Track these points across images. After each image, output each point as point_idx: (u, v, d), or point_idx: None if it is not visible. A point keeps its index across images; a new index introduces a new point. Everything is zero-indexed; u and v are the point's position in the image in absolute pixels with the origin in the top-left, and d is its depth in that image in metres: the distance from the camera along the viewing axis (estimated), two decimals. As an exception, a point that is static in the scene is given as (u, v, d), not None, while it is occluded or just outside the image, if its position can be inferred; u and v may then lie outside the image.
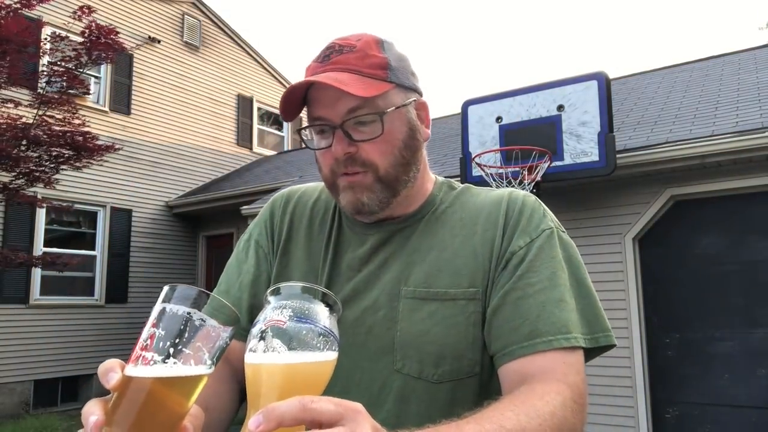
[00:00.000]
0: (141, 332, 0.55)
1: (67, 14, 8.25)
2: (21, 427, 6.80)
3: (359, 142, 0.85)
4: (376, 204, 0.88)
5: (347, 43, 0.87)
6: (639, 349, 5.30)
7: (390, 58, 0.88)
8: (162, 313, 0.55)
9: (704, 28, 52.31)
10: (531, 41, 73.13)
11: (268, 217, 1.03)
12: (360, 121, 0.84)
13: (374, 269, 0.90)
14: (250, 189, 9.05)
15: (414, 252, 0.90)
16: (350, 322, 0.87)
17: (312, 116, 0.87)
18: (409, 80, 0.90)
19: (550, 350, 0.78)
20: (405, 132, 0.89)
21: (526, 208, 0.89)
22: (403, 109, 0.88)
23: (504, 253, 0.86)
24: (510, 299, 0.83)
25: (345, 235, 0.96)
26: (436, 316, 0.84)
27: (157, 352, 0.53)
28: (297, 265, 0.96)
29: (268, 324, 0.57)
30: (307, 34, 75.92)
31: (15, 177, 6.69)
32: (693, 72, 7.65)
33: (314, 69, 0.86)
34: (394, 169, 0.87)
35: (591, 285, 0.88)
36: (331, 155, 0.86)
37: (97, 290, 8.90)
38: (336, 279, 0.92)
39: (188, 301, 0.55)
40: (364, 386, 0.85)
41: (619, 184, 5.55)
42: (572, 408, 0.73)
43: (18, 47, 6.34)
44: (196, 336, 0.55)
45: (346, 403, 0.53)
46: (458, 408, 0.77)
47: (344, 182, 0.87)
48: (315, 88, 0.85)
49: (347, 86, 0.80)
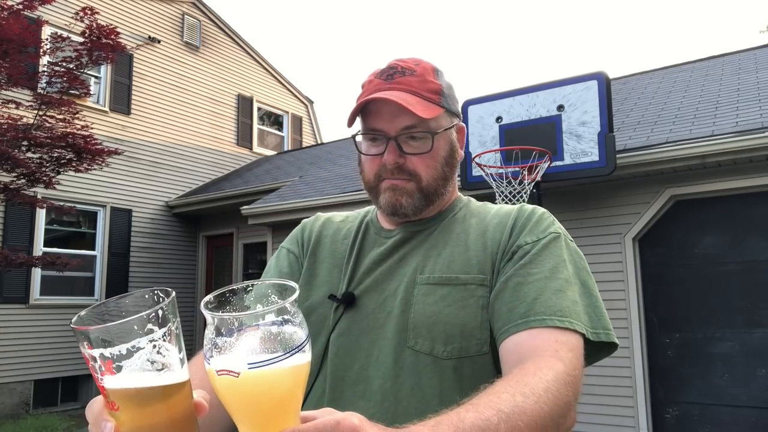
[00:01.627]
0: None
1: (67, 14, 8.26)
2: (21, 427, 6.80)
3: (409, 154, 0.97)
4: (412, 208, 0.99)
5: (408, 66, 1.00)
6: (639, 349, 5.30)
7: (443, 85, 1.01)
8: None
9: (704, 28, 52.31)
10: (531, 41, 73.13)
11: (300, 232, 1.14)
12: (412, 136, 0.97)
13: (394, 264, 0.99)
14: (250, 189, 9.05)
15: (431, 248, 0.99)
16: (371, 308, 0.96)
17: (369, 126, 0.99)
18: (455, 106, 1.04)
19: (543, 327, 0.82)
20: (447, 151, 1.01)
21: (535, 216, 0.98)
22: (448, 131, 1.02)
23: (511, 247, 0.94)
24: (510, 284, 0.89)
25: (369, 239, 1.06)
26: (448, 299, 0.91)
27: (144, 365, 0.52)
28: (323, 262, 1.06)
29: (220, 372, 0.52)
30: (307, 34, 75.93)
31: (16, 178, 6.69)
32: (693, 72, 7.65)
33: (378, 84, 0.99)
34: (435, 182, 1.00)
35: (596, 288, 0.92)
36: (380, 162, 0.98)
37: (97, 290, 8.90)
38: (358, 271, 1.01)
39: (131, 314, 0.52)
40: (381, 362, 0.91)
41: (619, 184, 5.55)
42: (565, 381, 0.75)
43: (19, 47, 6.34)
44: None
45: (340, 427, 0.52)
46: (468, 383, 0.85)
47: (387, 184, 0.99)
48: (376, 102, 0.96)
49: (412, 106, 0.93)
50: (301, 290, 1.00)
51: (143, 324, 0.51)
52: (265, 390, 0.52)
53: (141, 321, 0.51)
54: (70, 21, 7.51)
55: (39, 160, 6.88)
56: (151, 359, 0.52)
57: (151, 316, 0.52)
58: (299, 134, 13.20)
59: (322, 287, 1.01)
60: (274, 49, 67.63)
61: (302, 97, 13.33)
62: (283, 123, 12.91)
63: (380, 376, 0.90)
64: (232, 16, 68.12)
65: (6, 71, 6.34)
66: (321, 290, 1.01)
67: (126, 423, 0.53)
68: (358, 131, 1.01)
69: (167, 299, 0.53)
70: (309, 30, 76.21)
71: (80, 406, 8.30)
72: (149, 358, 0.52)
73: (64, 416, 7.61)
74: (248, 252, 9.72)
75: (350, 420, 0.53)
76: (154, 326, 0.52)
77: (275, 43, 64.91)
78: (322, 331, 0.96)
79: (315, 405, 0.90)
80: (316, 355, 0.93)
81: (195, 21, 11.06)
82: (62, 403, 8.27)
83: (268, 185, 8.88)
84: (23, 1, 6.55)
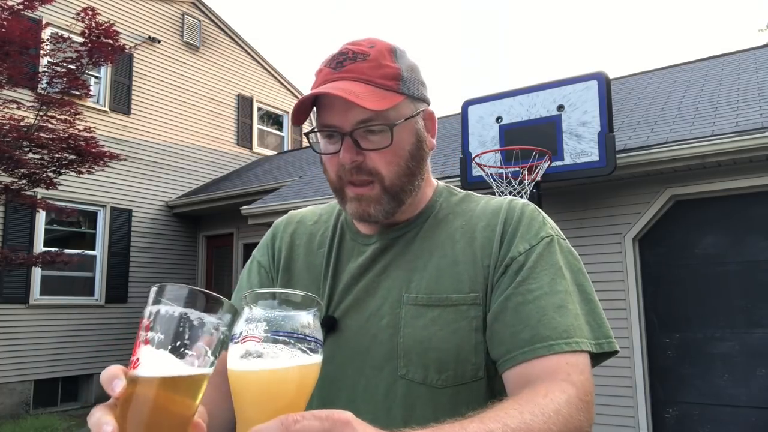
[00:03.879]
0: (138, 334, 0.55)
1: (68, 14, 8.26)
2: (21, 427, 6.80)
3: (367, 150, 0.86)
4: (383, 214, 0.89)
5: (360, 50, 0.87)
6: (639, 349, 5.30)
7: (402, 68, 0.89)
8: (157, 314, 0.54)
9: (704, 28, 52.29)
10: (531, 41, 73.10)
11: (270, 240, 1.05)
12: (369, 130, 0.85)
13: (374, 277, 0.91)
14: (250, 189, 9.05)
15: (415, 258, 0.91)
16: (354, 330, 0.88)
17: (322, 122, 0.88)
18: (419, 91, 0.91)
19: (552, 354, 0.78)
20: (412, 143, 0.90)
21: (525, 217, 0.89)
22: (411, 120, 0.89)
23: (504, 259, 0.86)
24: (511, 305, 0.83)
25: (346, 247, 0.97)
26: (438, 322, 0.84)
27: (159, 353, 0.53)
28: (299, 279, 0.98)
29: (244, 340, 0.57)
30: (307, 34, 75.91)
31: (18, 179, 6.70)
32: (693, 72, 7.65)
33: (327, 75, 0.87)
34: (400, 179, 0.88)
35: (593, 291, 0.87)
36: (338, 161, 0.87)
37: (97, 290, 8.90)
38: (337, 289, 0.93)
39: (180, 300, 0.55)
40: (370, 393, 0.85)
41: (619, 184, 5.55)
42: (577, 406, 0.73)
43: (20, 49, 6.35)
44: (195, 335, 0.55)
45: (334, 416, 0.53)
46: (463, 412, 0.77)
47: (352, 193, 0.89)
48: (327, 95, 0.86)
49: (361, 99, 0.81)
50: None
51: (216, 307, 0.56)
52: (278, 373, 0.55)
53: (220, 302, 0.57)
54: (71, 21, 7.51)
55: (40, 161, 6.88)
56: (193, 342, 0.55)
57: (228, 304, 0.57)
58: (299, 134, 13.20)
59: None
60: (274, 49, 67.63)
61: (302, 97, 13.32)
62: (283, 123, 12.91)
63: (370, 410, 0.83)
64: (232, 16, 68.12)
65: (7, 72, 6.35)
66: None
67: (135, 388, 0.54)
68: (312, 128, 0.91)
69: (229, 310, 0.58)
70: (309, 30, 76.19)
71: (80, 406, 8.30)
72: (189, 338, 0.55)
73: (64, 416, 7.61)
74: (248, 252, 9.71)
75: (341, 413, 0.54)
76: (215, 314, 0.56)
77: (275, 43, 64.88)
78: None
79: None
80: None
81: (195, 21, 11.06)
82: (62, 403, 8.27)
83: (268, 185, 8.88)
84: (24, 1, 6.56)
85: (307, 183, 8.46)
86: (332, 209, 1.05)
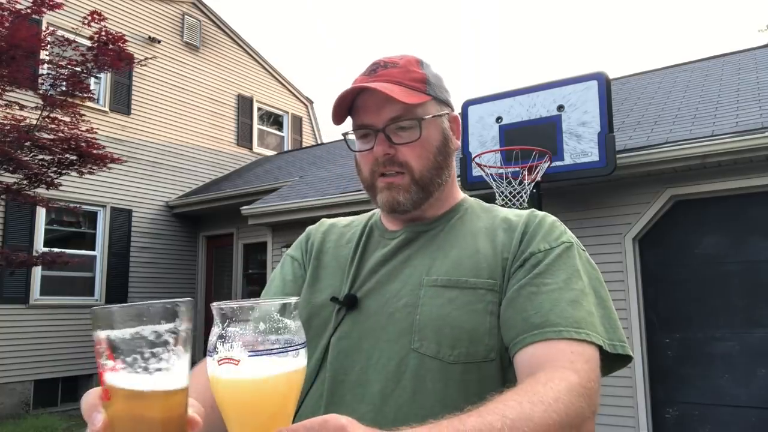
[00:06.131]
0: (98, 363, 0.53)
1: (72, 18, 8.26)
2: (21, 427, 6.81)
3: (398, 144, 0.95)
4: (411, 203, 0.97)
5: (391, 60, 0.99)
6: (639, 350, 5.30)
7: (428, 74, 1.00)
8: (108, 340, 0.52)
9: (704, 28, 52.32)
10: (531, 41, 73.14)
11: (304, 238, 1.13)
12: (400, 127, 0.95)
13: (398, 264, 0.97)
14: (250, 189, 9.06)
15: (437, 250, 0.96)
16: (373, 310, 0.93)
17: (357, 123, 0.98)
18: (444, 95, 1.02)
19: (559, 339, 0.80)
20: (439, 139, 0.99)
21: (546, 223, 0.95)
22: (438, 119, 0.99)
23: (523, 253, 0.91)
24: (524, 293, 0.86)
25: (373, 240, 1.04)
26: (456, 302, 0.88)
27: (129, 377, 0.52)
28: (326, 267, 1.04)
29: (221, 361, 0.55)
30: (307, 34, 75.90)
31: (20, 179, 6.70)
32: (693, 72, 7.65)
33: (361, 81, 0.97)
34: (429, 171, 0.97)
35: (609, 299, 0.90)
36: (372, 156, 0.96)
37: (97, 290, 8.90)
38: (361, 274, 0.98)
39: (127, 321, 0.53)
40: (382, 364, 0.88)
41: (619, 184, 5.55)
42: (579, 392, 0.73)
43: (26, 53, 6.36)
44: (155, 349, 0.53)
45: (329, 424, 0.53)
46: (473, 390, 0.83)
47: (382, 183, 0.97)
48: (361, 97, 0.96)
49: (393, 93, 0.91)
50: (305, 293, 1.01)
51: (155, 314, 0.53)
52: (260, 385, 0.54)
53: (152, 309, 0.53)
54: (76, 24, 7.51)
55: (41, 162, 6.88)
56: (156, 355, 0.52)
57: (162, 307, 0.53)
58: (299, 134, 13.20)
59: (325, 291, 0.99)
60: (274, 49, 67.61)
61: (302, 97, 13.34)
62: (283, 123, 12.91)
63: (381, 379, 0.86)
64: (232, 16, 68.08)
65: (11, 75, 6.35)
66: (324, 293, 0.99)
67: (114, 415, 0.53)
68: (348, 130, 1.00)
69: (185, 302, 0.55)
70: (309, 30, 76.20)
71: (80, 407, 8.30)
72: (151, 353, 0.52)
73: (64, 416, 7.61)
74: (248, 252, 9.72)
75: (337, 419, 0.54)
76: (162, 320, 0.53)
77: (275, 43, 64.88)
78: (323, 334, 0.94)
79: (313, 408, 0.88)
80: (316, 357, 0.92)
81: (195, 21, 11.07)
82: (62, 403, 8.27)
83: (269, 185, 8.88)
84: (31, 5, 6.57)
85: (307, 183, 8.46)
86: (364, 217, 1.12)
